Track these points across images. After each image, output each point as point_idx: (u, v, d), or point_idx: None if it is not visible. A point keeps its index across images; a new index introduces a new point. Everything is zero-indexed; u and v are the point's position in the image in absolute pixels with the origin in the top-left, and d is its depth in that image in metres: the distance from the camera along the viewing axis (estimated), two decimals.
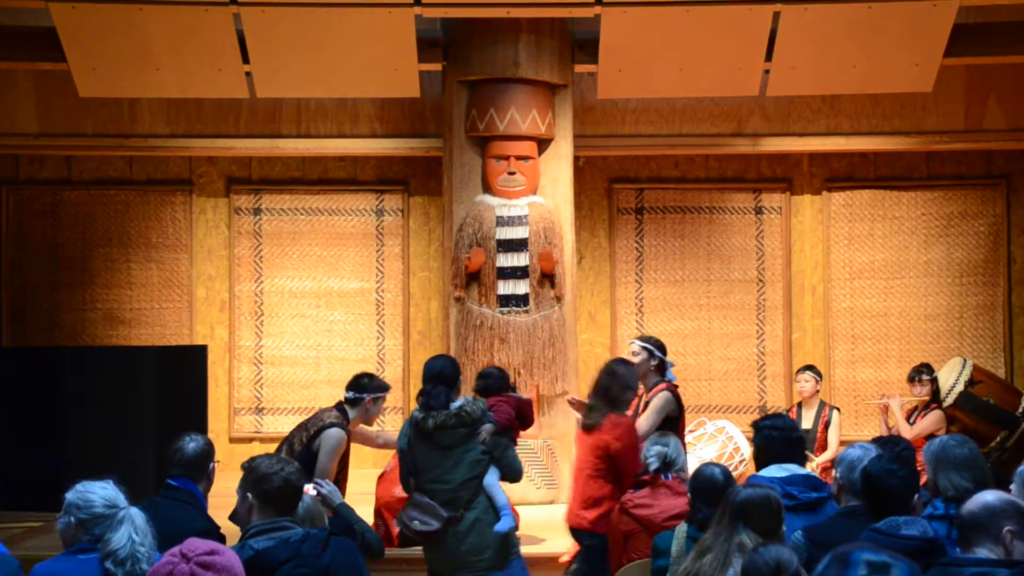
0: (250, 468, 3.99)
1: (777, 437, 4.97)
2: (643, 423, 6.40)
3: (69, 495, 3.82)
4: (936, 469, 4.38)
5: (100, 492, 3.79)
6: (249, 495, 3.92)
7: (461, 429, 5.74)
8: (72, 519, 3.78)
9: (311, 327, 10.02)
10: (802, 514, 4.68)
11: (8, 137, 9.71)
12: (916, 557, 3.65)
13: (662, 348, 6.71)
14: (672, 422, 6.47)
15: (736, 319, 10.08)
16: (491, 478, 5.79)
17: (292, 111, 9.84)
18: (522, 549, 6.64)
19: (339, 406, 6.61)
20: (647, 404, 6.56)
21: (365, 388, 6.64)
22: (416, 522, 5.72)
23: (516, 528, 5.97)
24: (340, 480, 6.55)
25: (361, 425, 6.83)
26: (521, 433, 6.51)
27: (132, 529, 3.64)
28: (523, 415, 6.16)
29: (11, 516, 7.89)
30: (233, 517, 4.10)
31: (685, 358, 10.04)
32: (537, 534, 7.15)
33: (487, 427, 5.78)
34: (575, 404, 6.65)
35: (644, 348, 6.66)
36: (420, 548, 5.96)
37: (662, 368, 6.65)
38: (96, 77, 8.43)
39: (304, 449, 6.31)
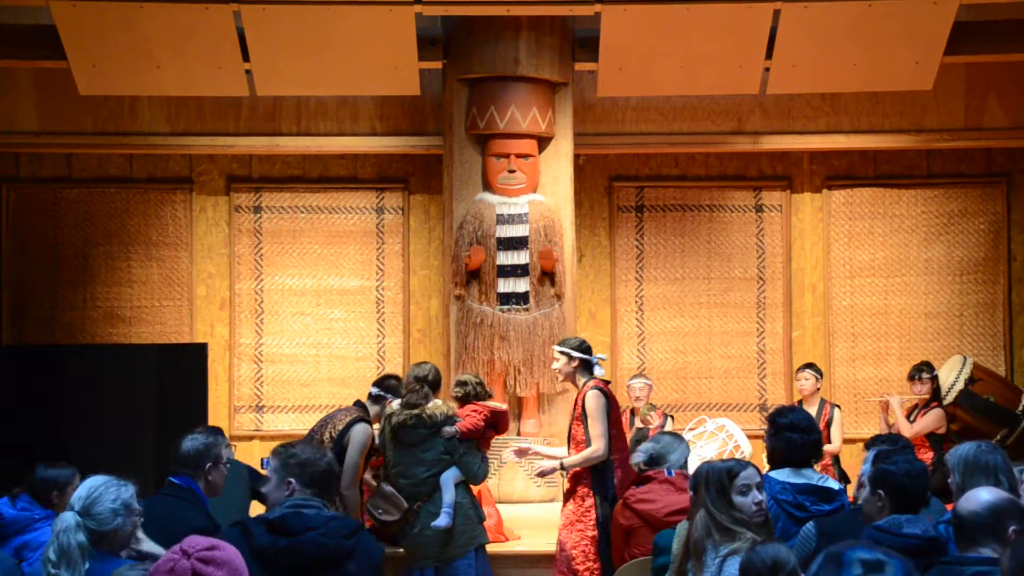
0: (291, 455, 4.05)
1: (798, 441, 4.90)
2: (595, 431, 6.29)
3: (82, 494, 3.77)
4: (965, 475, 4.36)
5: (109, 493, 3.76)
6: (292, 480, 4.00)
7: (421, 430, 6.30)
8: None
9: (311, 325, 10.01)
10: None
11: (8, 135, 9.70)
12: (918, 556, 3.66)
13: (582, 348, 6.57)
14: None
15: (736, 317, 10.08)
16: (448, 474, 6.31)
17: (292, 109, 9.83)
18: (523, 547, 6.78)
19: (358, 403, 6.76)
20: (579, 405, 6.43)
21: (391, 390, 6.81)
22: (380, 511, 6.35)
23: (477, 521, 6.42)
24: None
25: None
26: (507, 433, 6.89)
27: (53, 549, 3.60)
28: (497, 423, 6.66)
29: None
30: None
31: (685, 356, 10.05)
32: (538, 531, 7.16)
33: (448, 430, 6.31)
34: (521, 452, 6.86)
35: (561, 352, 6.56)
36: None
37: (588, 367, 6.53)
38: (96, 75, 8.43)
39: (335, 444, 6.51)
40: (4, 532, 3.82)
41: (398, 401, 6.55)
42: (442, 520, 6.21)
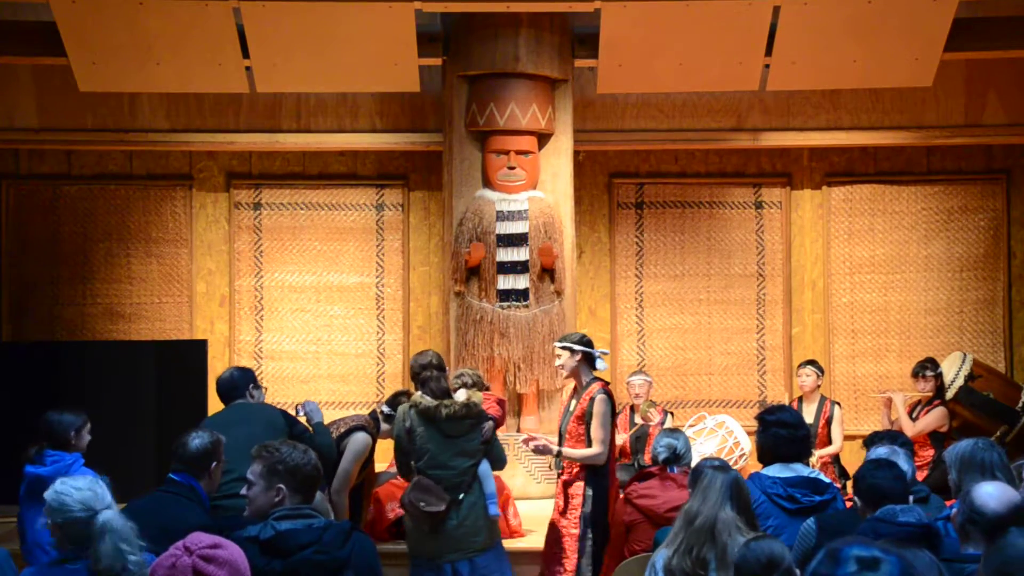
0: (278, 459, 3.88)
1: (785, 436, 4.94)
2: (598, 434, 6.22)
3: (48, 494, 3.74)
4: (962, 471, 4.36)
5: (76, 495, 3.71)
6: (280, 484, 3.86)
7: (468, 420, 6.15)
8: (50, 522, 3.72)
9: (311, 322, 10.02)
10: (804, 519, 4.68)
11: (8, 132, 9.70)
12: (914, 544, 3.66)
13: (583, 342, 6.50)
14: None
15: (736, 314, 10.08)
16: (484, 467, 6.24)
17: (292, 106, 9.83)
18: (523, 544, 6.79)
19: (373, 414, 6.74)
20: (590, 401, 6.32)
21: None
22: (423, 503, 6.02)
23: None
24: (365, 482, 6.68)
25: None
26: (508, 429, 6.94)
27: (117, 539, 3.57)
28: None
29: (10, 510, 7.89)
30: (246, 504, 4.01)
31: (685, 353, 10.05)
32: (537, 528, 7.16)
33: (490, 424, 6.23)
34: (543, 450, 6.44)
35: (563, 348, 6.47)
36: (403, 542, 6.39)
37: (590, 360, 6.46)
38: (96, 71, 8.43)
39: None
40: (44, 487, 3.82)
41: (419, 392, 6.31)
42: (495, 508, 6.16)
